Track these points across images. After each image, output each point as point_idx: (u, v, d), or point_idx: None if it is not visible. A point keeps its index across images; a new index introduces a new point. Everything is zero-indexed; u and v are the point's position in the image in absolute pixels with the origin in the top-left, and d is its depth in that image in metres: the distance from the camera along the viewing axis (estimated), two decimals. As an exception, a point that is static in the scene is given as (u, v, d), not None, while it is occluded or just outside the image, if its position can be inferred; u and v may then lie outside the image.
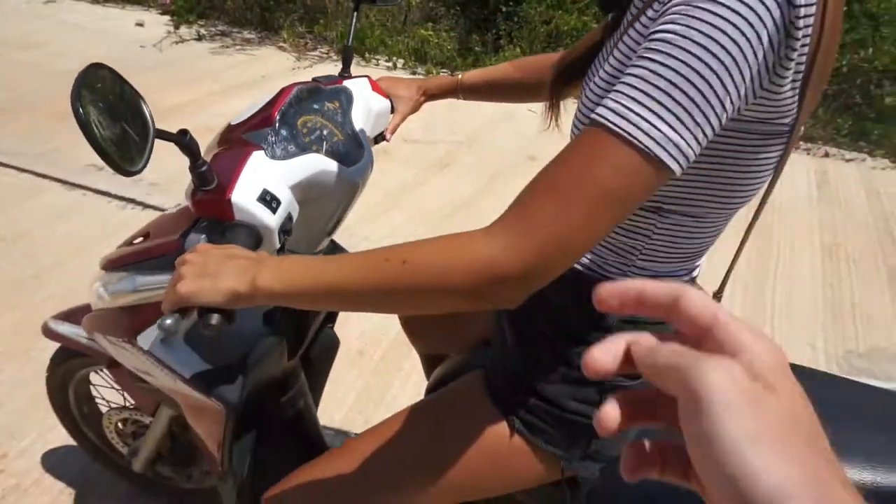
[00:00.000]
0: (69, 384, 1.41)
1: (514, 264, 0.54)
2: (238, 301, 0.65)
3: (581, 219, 0.54)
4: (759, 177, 0.67)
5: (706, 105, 0.52)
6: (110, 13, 5.57)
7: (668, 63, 0.52)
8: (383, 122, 1.10)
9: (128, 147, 0.66)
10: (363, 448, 0.87)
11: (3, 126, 3.34)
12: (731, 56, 0.51)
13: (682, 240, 0.72)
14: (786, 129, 0.62)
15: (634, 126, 0.52)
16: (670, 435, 0.30)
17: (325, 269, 0.62)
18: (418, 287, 0.58)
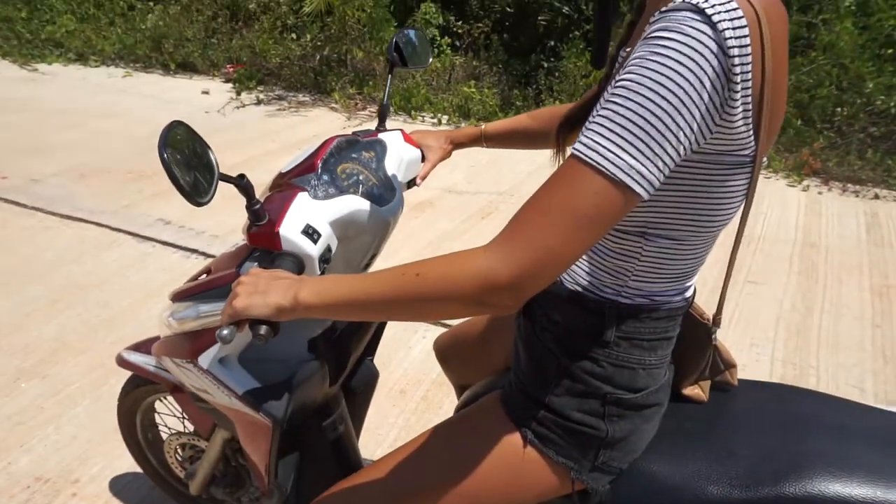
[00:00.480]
0: (137, 411, 1.55)
1: (508, 274, 0.64)
2: (282, 314, 0.78)
3: (561, 236, 0.64)
4: (730, 203, 0.76)
5: (661, 138, 0.62)
6: (180, 84, 6.08)
7: (626, 105, 0.62)
8: (415, 168, 1.23)
9: (198, 185, 0.81)
10: (390, 464, 0.96)
11: (87, 187, 3.69)
12: (677, 97, 0.61)
13: (668, 261, 0.80)
14: (747, 159, 0.71)
15: (602, 157, 0.63)
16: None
17: (353, 284, 0.74)
18: (429, 296, 0.69)
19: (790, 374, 2.36)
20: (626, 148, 0.62)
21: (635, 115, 0.62)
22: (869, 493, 0.81)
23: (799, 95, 4.96)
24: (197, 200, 0.80)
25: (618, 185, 0.63)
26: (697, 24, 0.61)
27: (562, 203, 0.64)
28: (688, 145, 0.65)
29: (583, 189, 0.63)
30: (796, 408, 0.98)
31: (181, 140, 0.82)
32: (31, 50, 6.74)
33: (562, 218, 0.64)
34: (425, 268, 0.69)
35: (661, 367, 0.88)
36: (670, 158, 0.64)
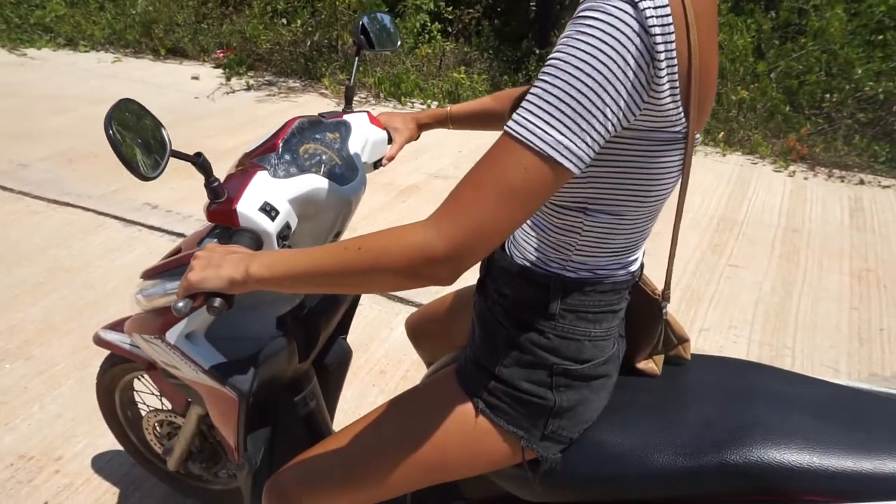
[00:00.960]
0: (115, 389, 1.58)
1: (442, 246, 0.67)
2: (235, 287, 0.81)
3: (493, 210, 0.66)
4: (666, 178, 0.78)
5: (587, 114, 0.64)
6: (170, 69, 6.06)
7: (553, 83, 0.65)
8: (381, 149, 1.25)
9: (149, 161, 0.84)
10: (350, 434, 0.99)
11: (74, 172, 3.70)
12: (601, 74, 0.64)
13: (609, 236, 0.83)
14: (679, 136, 0.74)
15: (531, 133, 0.65)
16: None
17: (301, 257, 0.77)
18: (369, 268, 0.71)
19: (766, 355, 2.40)
20: (554, 124, 0.65)
21: (562, 91, 0.64)
22: (805, 459, 0.84)
23: (788, 81, 4.97)
24: (144, 175, 0.82)
25: (546, 160, 0.65)
26: (619, 4, 0.63)
27: (493, 178, 0.66)
28: (616, 122, 0.67)
29: (513, 164, 0.66)
30: (743, 380, 1.01)
31: (132, 117, 0.85)
32: (20, 35, 6.70)
33: (493, 192, 0.66)
34: (367, 242, 0.72)
35: (608, 340, 0.91)
36: (598, 134, 0.66)
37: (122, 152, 0.80)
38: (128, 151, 0.81)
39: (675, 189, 0.83)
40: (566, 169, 0.66)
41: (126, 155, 0.81)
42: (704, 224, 3.42)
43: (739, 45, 5.12)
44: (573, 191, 0.79)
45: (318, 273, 0.75)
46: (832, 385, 1.02)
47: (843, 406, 0.95)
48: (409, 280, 0.70)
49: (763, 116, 4.85)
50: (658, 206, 0.83)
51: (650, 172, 0.76)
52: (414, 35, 6.01)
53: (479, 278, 1.00)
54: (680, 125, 0.72)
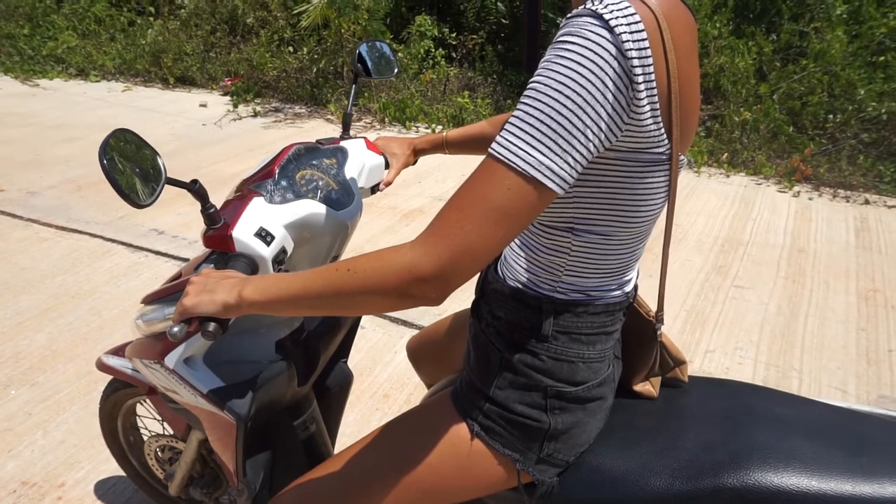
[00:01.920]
0: (118, 414, 1.59)
1: (429, 265, 0.67)
2: (229, 311, 0.82)
3: (478, 230, 0.67)
4: (652, 199, 0.79)
5: (568, 135, 0.66)
6: (178, 97, 6.17)
7: (535, 105, 0.66)
8: (378, 174, 1.27)
9: (145, 189, 0.85)
10: (346, 457, 0.99)
11: (83, 199, 3.75)
12: (581, 97, 0.65)
13: (598, 257, 0.83)
14: (663, 157, 0.75)
15: (513, 154, 0.67)
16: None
17: (292, 281, 0.78)
18: (359, 290, 0.72)
19: (773, 377, 2.38)
20: (536, 145, 0.66)
21: (542, 114, 0.66)
22: (803, 482, 0.83)
23: (791, 102, 4.99)
24: (138, 203, 0.84)
25: (529, 180, 0.66)
26: (596, 29, 0.65)
27: (478, 199, 0.67)
28: (598, 143, 0.68)
29: (497, 185, 0.67)
30: (742, 403, 1.00)
31: (128, 146, 0.87)
32: (32, 66, 6.85)
33: (479, 213, 0.67)
34: (356, 264, 0.73)
35: (602, 362, 0.91)
36: (580, 155, 0.67)
37: (116, 181, 0.82)
38: (122, 180, 0.82)
39: (663, 210, 0.84)
40: (549, 189, 0.67)
41: (120, 183, 0.82)
42: (709, 245, 3.41)
43: (741, 67, 5.16)
44: (560, 211, 0.80)
45: (309, 295, 0.75)
46: (834, 408, 1.01)
47: (844, 429, 0.94)
48: (399, 300, 0.71)
49: (766, 137, 4.86)
50: (647, 228, 0.84)
51: (636, 193, 0.77)
52: (418, 60, 6.10)
53: (474, 301, 1.00)
54: (663, 146, 0.74)
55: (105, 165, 0.81)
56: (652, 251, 1.04)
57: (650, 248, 0.92)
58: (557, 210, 0.80)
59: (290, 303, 0.77)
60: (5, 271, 2.94)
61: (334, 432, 1.57)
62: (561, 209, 0.80)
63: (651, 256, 3.04)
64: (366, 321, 2.62)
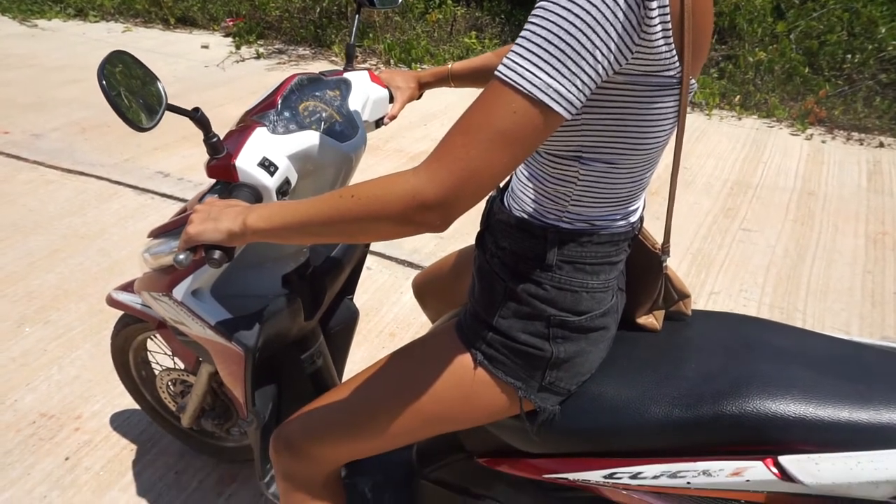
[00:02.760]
0: (129, 349, 1.62)
1: (433, 191, 0.67)
2: (233, 239, 0.82)
3: (483, 154, 0.65)
4: (661, 125, 0.77)
5: (577, 56, 0.63)
6: (179, 38, 6.04)
7: (542, 25, 0.64)
8: (382, 108, 1.25)
9: (145, 112, 0.84)
10: (352, 386, 1.01)
11: (87, 141, 3.73)
12: (591, 16, 0.62)
13: (605, 185, 0.82)
14: (673, 80, 0.73)
15: (520, 76, 0.64)
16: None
17: (297, 207, 0.77)
18: (362, 216, 0.71)
19: (776, 318, 2.39)
20: (543, 67, 0.64)
21: (550, 34, 0.63)
22: (800, 409, 0.84)
23: (808, 42, 4.83)
24: (140, 127, 0.83)
25: (536, 103, 0.64)
26: None
27: (482, 123, 0.66)
28: (606, 65, 0.66)
29: (502, 108, 0.65)
30: (744, 334, 1.01)
31: (126, 69, 0.85)
32: (30, 6, 6.70)
33: (483, 137, 0.65)
34: (360, 190, 0.72)
35: (606, 292, 0.91)
36: (588, 77, 0.65)
37: (116, 102, 0.81)
38: (121, 103, 0.81)
39: (671, 137, 0.82)
40: (556, 113, 0.65)
41: (120, 106, 0.81)
42: (718, 188, 3.37)
43: (757, 4, 4.98)
44: (567, 139, 0.78)
45: (313, 222, 0.75)
46: (835, 339, 1.01)
47: (844, 359, 0.94)
48: (403, 226, 0.70)
49: (781, 79, 4.73)
50: (654, 155, 0.82)
51: (645, 118, 0.75)
52: (424, 0, 5.91)
53: (479, 232, 1.00)
54: (674, 69, 0.71)
55: (104, 86, 0.80)
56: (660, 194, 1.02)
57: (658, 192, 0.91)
58: (565, 138, 0.78)
59: (294, 229, 0.77)
60: (14, 213, 2.95)
61: (341, 368, 1.60)
62: (568, 137, 0.78)
63: (659, 199, 3.02)
64: (372, 262, 2.63)
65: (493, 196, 0.99)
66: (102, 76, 0.80)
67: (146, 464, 1.73)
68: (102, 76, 0.80)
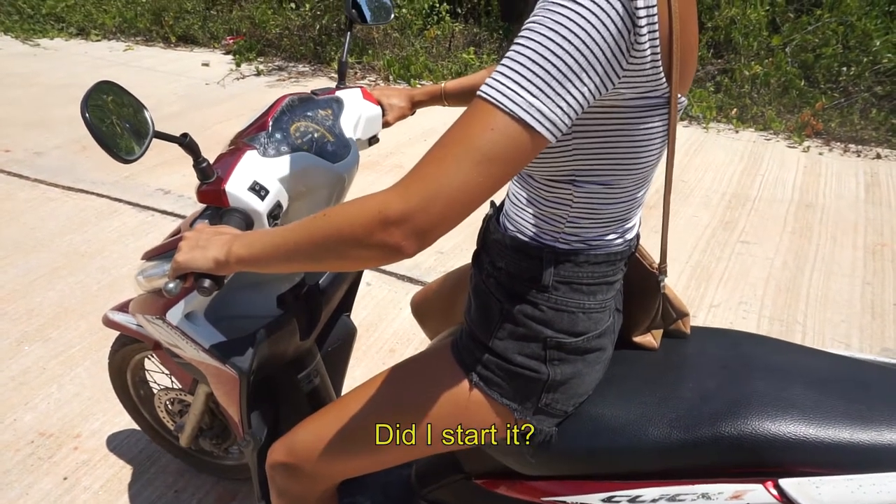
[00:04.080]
0: (126, 369, 1.62)
1: (399, 206, 0.63)
2: (220, 268, 0.82)
3: (457, 171, 0.63)
4: (651, 145, 0.78)
5: (563, 78, 0.63)
6: (181, 56, 6.09)
7: (529, 46, 0.64)
8: (375, 126, 1.26)
9: (133, 143, 0.85)
10: (346, 403, 1.00)
11: (88, 159, 3.75)
12: (579, 38, 0.62)
13: (600, 206, 0.83)
14: (662, 101, 0.73)
15: (502, 95, 0.64)
16: None
17: (277, 234, 0.76)
18: (332, 235, 0.68)
19: (776, 330, 2.39)
20: (526, 86, 0.63)
21: (537, 54, 0.63)
22: (801, 430, 0.83)
23: (803, 55, 4.87)
24: (123, 158, 0.83)
25: (518, 122, 0.63)
26: None
27: (460, 140, 0.64)
28: (593, 88, 0.65)
29: (481, 126, 0.63)
30: (742, 352, 1.00)
31: (113, 99, 0.85)
32: (32, 25, 6.76)
33: (458, 155, 0.63)
34: (332, 209, 0.70)
35: (603, 312, 0.91)
36: (574, 100, 0.64)
37: (100, 135, 0.80)
38: (107, 134, 0.81)
39: (663, 155, 0.83)
40: (538, 133, 0.64)
41: (104, 138, 0.81)
42: (716, 201, 3.38)
43: (753, 18, 5.01)
44: (560, 163, 0.79)
45: (290, 248, 0.73)
46: (834, 356, 1.00)
47: (844, 377, 0.93)
48: (367, 248, 0.66)
49: (777, 92, 4.76)
50: (647, 174, 0.83)
51: (635, 140, 0.76)
52: (423, 16, 5.96)
53: (475, 251, 1.00)
54: (662, 89, 0.72)
55: (87, 119, 0.79)
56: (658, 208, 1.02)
57: (655, 206, 0.92)
58: (557, 162, 0.79)
59: (272, 257, 0.76)
60: (15, 231, 2.97)
61: (339, 386, 1.59)
62: (561, 161, 0.78)
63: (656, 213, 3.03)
64: (372, 278, 2.64)
65: (489, 215, 0.99)
66: (86, 108, 0.80)
67: (145, 483, 1.73)
68: (86, 108, 0.80)
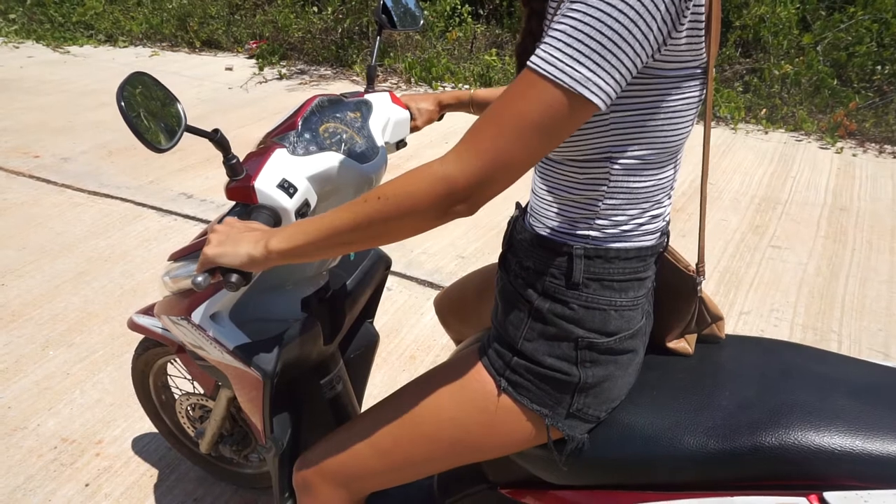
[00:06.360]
0: (149, 373, 1.61)
1: (464, 179, 0.67)
2: (254, 265, 0.80)
3: (513, 143, 0.65)
4: (686, 117, 0.77)
5: (618, 50, 0.63)
6: (204, 60, 6.15)
7: (582, 19, 0.62)
8: (403, 129, 1.23)
9: (164, 133, 0.84)
10: (374, 415, 0.98)
11: (114, 164, 3.79)
12: (634, 10, 0.62)
13: (636, 182, 0.80)
14: (699, 71, 0.73)
15: (557, 69, 0.63)
16: None
17: (320, 221, 0.76)
18: (393, 214, 0.70)
19: (810, 339, 2.31)
20: (583, 61, 0.63)
21: (592, 28, 0.62)
22: (846, 442, 0.79)
23: (836, 54, 4.75)
24: (157, 148, 0.82)
25: (573, 96, 0.64)
26: None
27: (515, 114, 0.65)
28: (644, 57, 0.66)
29: (536, 101, 0.64)
30: (781, 360, 0.96)
31: (146, 90, 0.84)
32: (62, 33, 6.89)
33: (515, 129, 0.65)
34: (385, 190, 0.71)
35: (635, 311, 0.87)
36: (626, 70, 0.65)
37: (134, 123, 0.80)
38: (140, 124, 0.81)
39: (692, 127, 0.81)
40: (593, 104, 0.65)
41: (138, 126, 0.81)
42: (745, 204, 3.30)
43: (783, 17, 4.91)
44: (596, 140, 0.77)
45: (340, 231, 0.74)
46: (875, 366, 0.97)
47: (888, 387, 0.89)
48: (434, 219, 0.70)
49: (808, 91, 4.65)
50: (679, 147, 0.81)
51: (673, 109, 0.75)
52: (444, 18, 5.95)
53: (501, 253, 0.97)
54: (700, 58, 0.72)
55: (122, 108, 0.79)
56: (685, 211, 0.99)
57: (683, 209, 0.88)
58: (593, 140, 0.77)
59: (320, 244, 0.76)
60: (42, 236, 3.00)
61: (361, 392, 1.57)
62: (597, 138, 0.77)
63: (684, 216, 2.96)
64: (392, 282, 2.61)
65: (515, 216, 0.97)
66: (121, 97, 0.80)
67: (165, 490, 1.71)
68: (121, 97, 0.80)
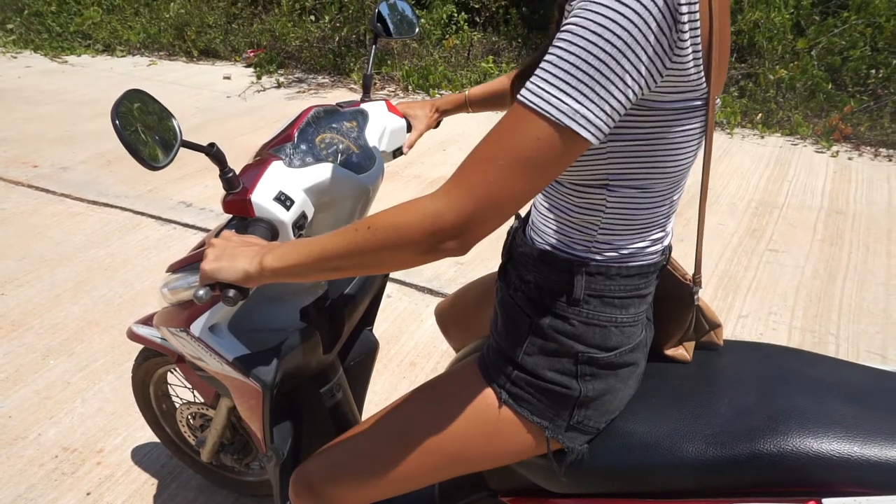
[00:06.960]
0: (149, 382, 1.61)
1: (452, 217, 0.66)
2: (250, 280, 0.81)
3: (503, 180, 0.64)
4: (687, 148, 0.76)
5: (606, 81, 0.62)
6: (202, 69, 6.17)
7: (570, 49, 0.62)
8: (400, 137, 1.24)
9: (161, 148, 0.85)
10: (375, 426, 0.98)
11: (112, 173, 3.80)
12: (622, 40, 0.61)
13: (633, 211, 0.80)
14: (700, 102, 0.71)
15: (546, 102, 0.63)
16: None
17: (313, 244, 0.76)
18: (382, 246, 0.70)
19: (808, 342, 2.32)
20: (570, 92, 0.62)
21: (579, 58, 0.61)
22: (845, 448, 0.79)
23: (830, 58, 4.77)
24: (152, 165, 0.83)
25: (562, 130, 0.63)
26: None
27: (505, 149, 0.64)
28: (637, 89, 0.64)
29: (526, 135, 0.64)
30: (779, 366, 0.97)
31: (142, 107, 0.85)
32: (60, 43, 6.92)
33: (505, 164, 0.64)
34: (376, 221, 0.71)
35: (635, 326, 0.87)
36: (618, 102, 0.63)
37: (129, 141, 0.81)
38: (136, 141, 0.81)
39: (698, 156, 0.81)
40: (584, 139, 0.64)
41: (133, 144, 0.81)
42: (742, 208, 3.31)
43: (777, 22, 4.94)
44: (594, 167, 0.77)
45: (331, 257, 0.74)
46: (872, 370, 0.97)
47: (886, 392, 0.90)
48: (422, 254, 0.69)
49: (803, 96, 4.67)
50: (682, 176, 0.80)
51: (673, 141, 0.74)
52: (441, 26, 5.98)
53: (501, 264, 0.98)
54: (701, 90, 0.70)
55: (117, 126, 0.80)
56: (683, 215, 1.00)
57: (681, 213, 0.89)
58: (591, 167, 0.77)
59: (311, 267, 0.76)
60: (41, 245, 3.00)
61: (361, 400, 1.57)
62: (595, 165, 0.76)
63: (682, 221, 2.97)
64: (392, 290, 2.62)
65: (515, 227, 0.97)
66: (116, 116, 0.80)
67: (167, 498, 1.71)
68: (116, 116, 0.80)
